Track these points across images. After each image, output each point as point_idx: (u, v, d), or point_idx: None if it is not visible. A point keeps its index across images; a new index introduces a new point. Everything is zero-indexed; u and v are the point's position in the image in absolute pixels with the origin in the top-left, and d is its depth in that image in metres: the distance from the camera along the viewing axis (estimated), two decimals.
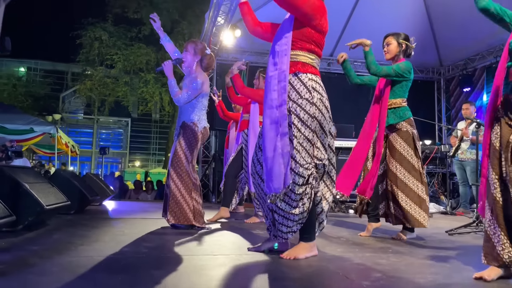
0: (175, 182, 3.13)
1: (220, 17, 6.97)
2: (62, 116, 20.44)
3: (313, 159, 2.07)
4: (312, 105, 2.08)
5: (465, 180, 5.94)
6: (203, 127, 3.27)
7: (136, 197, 8.21)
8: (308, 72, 2.13)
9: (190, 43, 3.38)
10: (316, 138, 2.09)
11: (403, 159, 3.00)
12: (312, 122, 2.07)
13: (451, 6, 7.31)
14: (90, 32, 15.20)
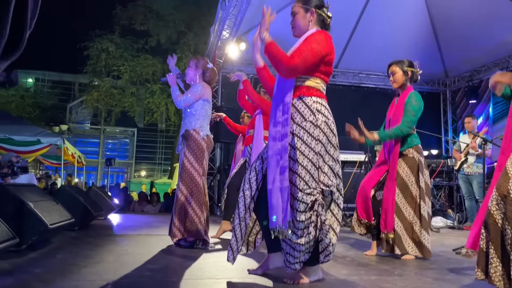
0: (185, 196, 3.12)
1: (225, 31, 7.02)
2: (69, 126, 20.62)
3: (318, 184, 1.97)
4: (316, 128, 2.01)
5: (471, 193, 5.88)
6: (205, 135, 3.26)
7: (141, 209, 8.20)
8: (313, 95, 2.08)
9: (192, 59, 3.47)
10: (323, 162, 2.01)
11: (405, 186, 2.99)
12: (317, 145, 1.99)
13: (455, 18, 7.32)
14: (97, 44, 15.40)
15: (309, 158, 1.97)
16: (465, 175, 5.87)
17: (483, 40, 7.47)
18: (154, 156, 23.78)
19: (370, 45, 8.04)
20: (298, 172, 1.95)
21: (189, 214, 3.10)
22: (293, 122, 2.05)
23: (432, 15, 7.65)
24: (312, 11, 2.17)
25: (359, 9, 7.58)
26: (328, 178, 2.01)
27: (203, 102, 3.29)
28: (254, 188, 2.16)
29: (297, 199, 1.93)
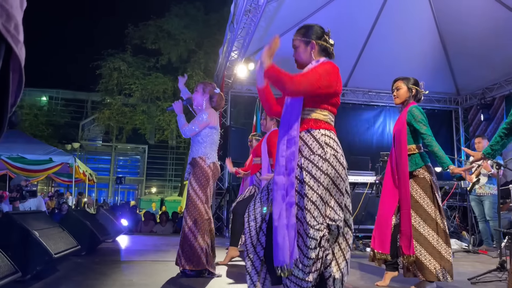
0: (188, 225, 3.10)
1: (233, 52, 7.07)
2: (81, 144, 20.86)
3: (325, 219, 1.91)
4: (325, 161, 1.94)
5: (484, 215, 5.72)
6: (211, 162, 3.23)
7: (148, 229, 8.16)
8: (321, 128, 2.01)
9: (200, 84, 3.47)
10: (330, 196, 1.94)
11: (419, 207, 2.87)
12: (325, 179, 1.92)
13: (465, 35, 7.25)
14: (110, 63, 15.66)
15: (318, 193, 1.90)
16: (477, 196, 5.73)
17: (494, 57, 7.38)
18: (165, 173, 23.86)
19: (380, 63, 8.00)
20: (308, 208, 1.88)
21: (193, 245, 3.07)
22: (301, 156, 1.99)
23: (442, 32, 7.60)
24: (313, 44, 2.13)
25: (368, 28, 7.58)
26: (335, 212, 1.94)
27: (210, 130, 3.27)
28: (259, 220, 2.11)
29: (309, 235, 1.85)
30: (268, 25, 6.95)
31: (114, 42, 16.69)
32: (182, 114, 3.30)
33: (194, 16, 16.35)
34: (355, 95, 8.94)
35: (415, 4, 7.09)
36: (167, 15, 16.17)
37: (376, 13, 7.30)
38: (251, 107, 8.29)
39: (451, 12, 7.05)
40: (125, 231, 6.00)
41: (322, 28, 2.20)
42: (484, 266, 4.35)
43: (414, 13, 7.23)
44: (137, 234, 7.28)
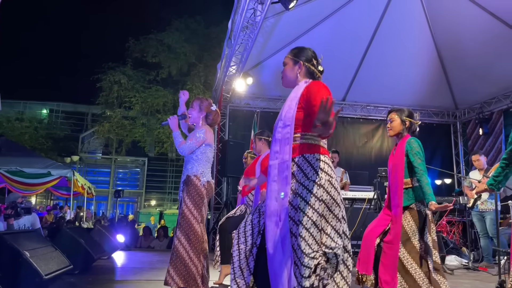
0: (183, 245, 3.04)
1: (231, 67, 7.10)
2: (80, 156, 20.84)
3: (320, 246, 1.86)
4: (319, 187, 1.91)
5: (486, 231, 5.66)
6: (206, 181, 3.19)
7: (148, 244, 8.10)
8: (315, 152, 1.98)
9: (196, 100, 3.39)
10: (326, 223, 1.90)
11: (407, 239, 2.80)
12: (320, 205, 1.88)
13: (462, 50, 7.30)
14: (110, 76, 15.74)
15: (312, 219, 1.86)
16: (479, 212, 5.68)
17: (492, 71, 7.40)
18: (164, 185, 23.77)
19: (378, 78, 8.04)
20: (303, 235, 1.84)
21: (187, 264, 3.01)
22: (295, 181, 1.96)
23: (439, 47, 7.64)
24: (300, 64, 2.15)
25: (366, 42, 7.62)
26: (331, 239, 1.89)
27: (205, 147, 3.24)
28: (250, 243, 2.08)
29: (303, 264, 1.81)
30: (266, 41, 7.00)
31: (115, 56, 16.79)
32: (178, 131, 3.24)
33: (194, 30, 16.49)
34: (353, 109, 8.95)
35: (412, 19, 7.15)
36: (167, 28, 16.32)
37: (374, 28, 7.36)
38: (249, 121, 8.30)
39: (448, 27, 7.10)
40: (122, 247, 5.95)
41: (314, 54, 2.22)
42: (483, 284, 4.29)
43: (412, 28, 7.29)
44: (134, 250, 7.22)
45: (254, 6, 5.31)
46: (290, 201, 1.93)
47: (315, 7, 6.52)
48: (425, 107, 8.84)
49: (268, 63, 7.58)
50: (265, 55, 7.43)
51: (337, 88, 8.47)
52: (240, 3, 5.49)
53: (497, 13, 6.28)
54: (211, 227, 7.58)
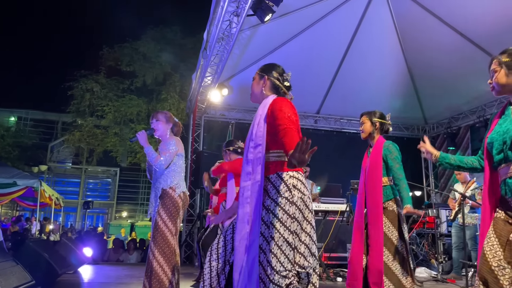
0: (157, 260, 2.94)
1: (207, 78, 7.08)
2: (49, 166, 20.15)
3: (294, 266, 1.82)
4: (292, 204, 1.88)
5: (460, 244, 5.76)
6: (182, 192, 3.12)
7: (117, 257, 7.84)
8: (289, 170, 1.95)
9: (159, 113, 3.34)
10: (299, 241, 1.87)
11: (388, 240, 2.85)
12: (292, 223, 1.86)
13: (432, 67, 7.55)
14: (82, 84, 15.36)
15: (284, 237, 1.83)
16: (459, 224, 5.79)
17: (459, 88, 7.68)
18: (137, 197, 23.25)
19: (351, 91, 8.19)
20: (274, 252, 1.81)
21: (161, 279, 2.92)
22: (267, 197, 1.93)
23: (409, 63, 7.88)
24: (265, 78, 2.17)
25: (339, 57, 7.77)
26: (305, 258, 1.86)
27: (178, 158, 3.18)
28: (222, 260, 2.04)
29: (273, 281, 1.77)
30: (242, 52, 7.02)
31: (88, 63, 16.43)
32: (150, 146, 3.11)
33: (170, 39, 16.38)
34: (327, 122, 9.07)
35: (384, 36, 7.35)
36: (143, 37, 16.13)
37: (348, 42, 7.52)
38: (224, 132, 8.26)
39: (418, 45, 7.34)
40: (89, 261, 5.74)
41: (282, 70, 2.23)
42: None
43: (384, 44, 7.49)
44: (102, 263, 6.97)
45: (230, 18, 5.33)
46: (262, 217, 1.89)
47: (291, 21, 6.61)
48: (396, 121, 9.07)
49: (244, 75, 7.60)
50: (241, 67, 7.45)
51: (312, 101, 8.58)
52: (215, 14, 5.50)
53: (465, 32, 6.54)
54: (183, 239, 7.44)
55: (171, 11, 20.73)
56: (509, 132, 1.74)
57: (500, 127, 1.82)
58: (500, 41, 6.20)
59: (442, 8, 6.40)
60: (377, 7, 6.80)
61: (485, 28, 6.19)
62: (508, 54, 1.86)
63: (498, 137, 1.79)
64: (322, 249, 5.77)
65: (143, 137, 3.12)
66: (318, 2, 6.43)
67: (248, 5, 4.78)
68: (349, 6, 6.69)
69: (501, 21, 5.89)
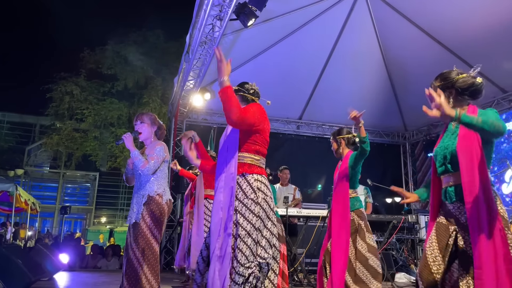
0: (139, 261, 2.82)
1: (189, 82, 7.03)
2: (26, 170, 19.61)
3: (255, 257, 2.12)
4: (257, 205, 2.18)
5: None
6: (168, 199, 3.04)
7: (95, 264, 7.65)
8: (254, 172, 2.25)
9: (144, 115, 3.23)
10: (261, 236, 2.16)
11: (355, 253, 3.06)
12: (257, 221, 2.15)
13: (411, 75, 7.69)
14: (62, 87, 15.06)
15: (249, 233, 2.12)
16: None
17: None
18: (116, 202, 22.80)
19: (333, 98, 8.26)
20: (240, 247, 2.10)
21: (142, 283, 2.83)
22: (236, 199, 2.20)
23: (390, 71, 8.01)
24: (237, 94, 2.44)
25: (322, 63, 7.84)
26: (265, 251, 2.16)
27: (165, 164, 3.10)
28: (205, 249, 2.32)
29: (238, 272, 2.06)
30: (225, 57, 6.98)
31: (68, 66, 16.11)
32: (136, 150, 2.98)
33: (153, 43, 16.24)
34: (309, 128, 9.12)
35: (366, 44, 7.46)
36: (125, 40, 15.95)
37: (330, 49, 7.60)
38: (206, 136, 8.20)
39: (398, 53, 7.48)
40: (65, 267, 5.58)
41: (246, 83, 2.57)
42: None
43: (365, 51, 7.60)
44: (79, 270, 6.79)
45: (213, 22, 5.31)
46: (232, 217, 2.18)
47: (273, 27, 6.64)
48: (377, 127, 9.19)
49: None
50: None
51: (294, 106, 8.62)
52: (198, 18, 5.48)
53: (444, 41, 6.70)
54: (163, 245, 7.33)
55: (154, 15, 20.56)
56: (449, 148, 1.95)
57: (442, 142, 2.01)
58: (478, 52, 6.41)
59: (422, 18, 6.54)
60: (359, 15, 6.90)
61: (465, 39, 6.36)
62: (440, 79, 2.14)
63: (440, 151, 1.99)
64: (303, 254, 5.76)
65: (130, 140, 2.99)
66: (301, 9, 6.49)
67: (231, 9, 4.77)
68: (332, 13, 6.77)
69: (480, 32, 6.07)
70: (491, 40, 6.09)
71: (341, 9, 6.78)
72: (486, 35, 6.05)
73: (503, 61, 6.38)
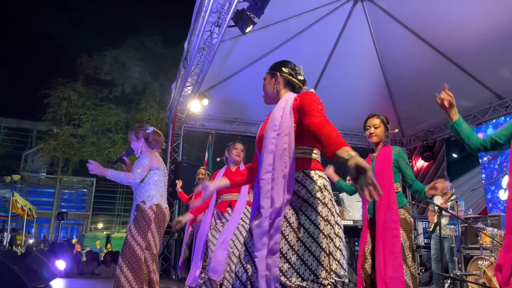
0: (125, 274, 2.85)
1: (187, 87, 7.04)
2: (22, 175, 19.51)
3: (330, 274, 1.60)
4: (324, 206, 1.69)
5: (438, 255, 5.82)
6: (154, 204, 3.05)
7: (92, 270, 7.60)
8: (316, 168, 1.79)
9: (130, 131, 3.36)
10: (334, 247, 1.65)
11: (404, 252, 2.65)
12: (326, 226, 1.66)
13: (408, 81, 7.73)
14: (59, 92, 15.05)
15: (318, 242, 1.63)
16: (438, 236, 5.85)
17: (435, 103, 7.85)
18: (113, 208, 22.71)
19: (331, 103, 8.16)
20: (304, 259, 1.62)
21: None
22: (297, 197, 1.73)
23: (387, 77, 8.05)
24: (277, 75, 2.06)
25: (319, 70, 7.88)
26: (341, 266, 1.65)
27: (152, 172, 3.15)
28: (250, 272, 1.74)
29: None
30: (223, 63, 7.03)
31: (65, 71, 16.12)
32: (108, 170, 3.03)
33: (151, 49, 16.28)
34: None
35: (363, 50, 7.50)
36: (123, 46, 15.98)
37: (328, 55, 7.63)
38: (204, 142, 8.20)
39: (395, 59, 7.52)
40: (61, 274, 5.54)
41: (292, 64, 2.13)
42: None
43: (363, 58, 7.64)
44: (76, 277, 6.74)
45: (211, 28, 5.33)
46: (288, 218, 1.69)
47: (271, 33, 6.67)
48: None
49: (224, 85, 7.60)
50: (221, 77, 7.45)
51: None
52: (197, 24, 5.50)
53: (441, 48, 6.75)
54: (160, 252, 7.29)
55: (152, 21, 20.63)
56: None
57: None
58: (475, 59, 6.46)
59: (420, 25, 6.59)
60: (356, 22, 6.94)
61: (462, 46, 6.41)
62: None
63: None
64: None
65: (95, 167, 3.05)
66: (299, 15, 6.53)
67: (230, 16, 4.79)
68: (329, 20, 6.81)
69: (477, 39, 6.11)
70: (487, 46, 6.14)
71: (338, 16, 6.83)
72: (483, 42, 6.10)
73: (499, 67, 6.42)
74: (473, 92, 7.18)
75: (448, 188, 2.80)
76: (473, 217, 6.20)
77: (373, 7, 6.67)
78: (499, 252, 4.19)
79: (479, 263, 4.70)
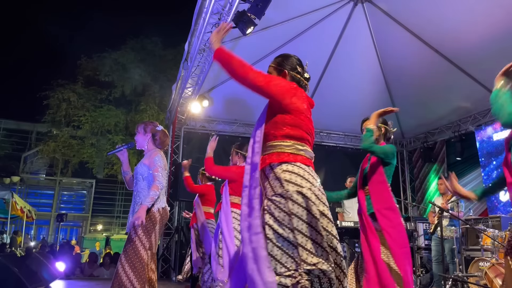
0: (127, 274, 2.83)
1: (187, 89, 7.04)
2: (22, 177, 19.49)
3: (299, 264, 1.67)
4: (287, 200, 1.74)
5: (440, 257, 5.80)
6: (160, 207, 3.03)
7: (91, 272, 7.58)
8: (283, 161, 1.83)
9: (139, 124, 3.32)
10: (303, 237, 1.71)
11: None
12: (291, 220, 1.72)
13: (409, 83, 7.73)
14: (59, 93, 15.05)
15: (283, 236, 1.71)
16: (439, 237, 5.84)
17: (434, 104, 7.89)
18: (113, 209, 22.65)
19: (331, 105, 8.28)
20: (273, 254, 1.69)
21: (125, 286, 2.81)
22: (264, 197, 1.85)
23: (387, 79, 8.05)
24: (285, 73, 2.06)
25: (320, 71, 7.88)
26: (313, 255, 1.69)
27: None
28: None
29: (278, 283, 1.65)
30: None
31: (65, 73, 16.10)
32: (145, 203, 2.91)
33: (150, 50, 16.28)
34: None
35: (363, 52, 7.51)
36: (123, 48, 15.98)
37: (328, 57, 7.64)
38: (205, 144, 8.13)
39: (396, 60, 7.52)
40: (62, 276, 5.52)
41: (299, 61, 2.15)
42: None
43: (363, 59, 7.64)
44: (75, 278, 6.72)
45: (212, 29, 5.33)
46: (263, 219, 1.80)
47: (272, 34, 6.67)
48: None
49: (225, 87, 7.60)
50: (222, 78, 7.45)
51: None
52: (197, 25, 5.50)
53: (440, 49, 6.75)
54: (160, 253, 7.28)
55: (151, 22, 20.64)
56: None
57: None
58: (474, 59, 6.46)
59: (420, 27, 6.59)
60: (357, 23, 6.95)
61: (463, 48, 6.41)
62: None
63: None
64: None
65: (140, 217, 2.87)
66: (299, 17, 6.53)
67: (230, 17, 4.80)
68: (329, 21, 6.81)
69: (476, 39, 6.12)
70: (488, 47, 6.14)
71: (338, 17, 6.83)
72: (483, 43, 6.10)
73: (500, 69, 6.41)
74: (473, 93, 7.18)
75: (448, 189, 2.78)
76: (473, 219, 6.19)
77: (373, 8, 6.67)
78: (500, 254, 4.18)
79: (480, 265, 4.69)
